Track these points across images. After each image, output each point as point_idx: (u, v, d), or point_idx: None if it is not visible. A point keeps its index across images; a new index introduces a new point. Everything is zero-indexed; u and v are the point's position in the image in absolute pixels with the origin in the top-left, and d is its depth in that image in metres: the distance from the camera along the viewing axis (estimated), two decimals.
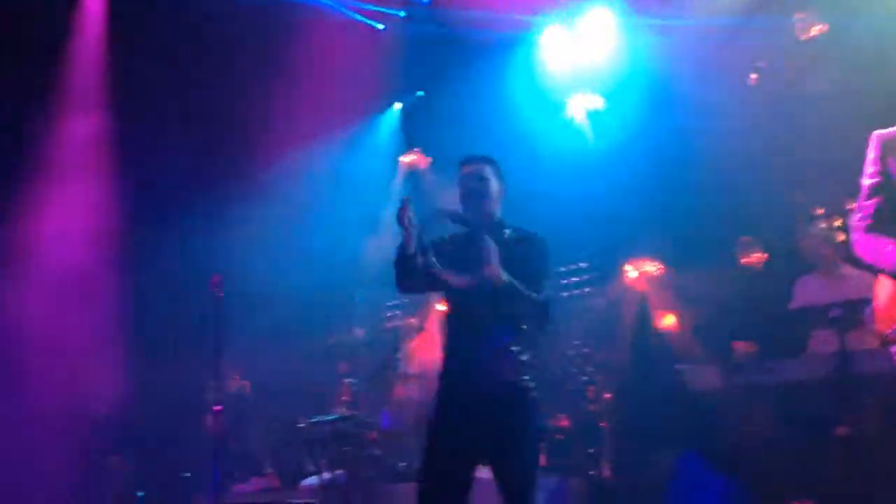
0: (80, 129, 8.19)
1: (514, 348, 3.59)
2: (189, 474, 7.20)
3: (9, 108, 7.71)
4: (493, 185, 3.86)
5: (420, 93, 9.38)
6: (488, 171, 3.87)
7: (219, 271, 5.62)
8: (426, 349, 6.80)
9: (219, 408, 5.22)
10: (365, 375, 6.93)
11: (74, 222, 8.10)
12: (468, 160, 3.92)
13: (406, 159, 9.16)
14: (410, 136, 9.36)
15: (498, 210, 3.89)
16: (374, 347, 7.33)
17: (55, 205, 7.96)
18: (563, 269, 8.05)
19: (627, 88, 7.89)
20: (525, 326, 3.66)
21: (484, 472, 3.60)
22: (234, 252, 7.52)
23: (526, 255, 3.75)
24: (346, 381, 6.61)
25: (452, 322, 3.79)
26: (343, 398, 6.64)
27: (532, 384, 3.61)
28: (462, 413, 3.57)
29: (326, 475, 6.07)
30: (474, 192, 3.83)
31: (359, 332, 7.44)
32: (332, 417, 6.29)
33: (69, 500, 7.42)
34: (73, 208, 8.05)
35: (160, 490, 7.20)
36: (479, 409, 3.53)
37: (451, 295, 3.84)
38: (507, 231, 3.84)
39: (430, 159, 8.99)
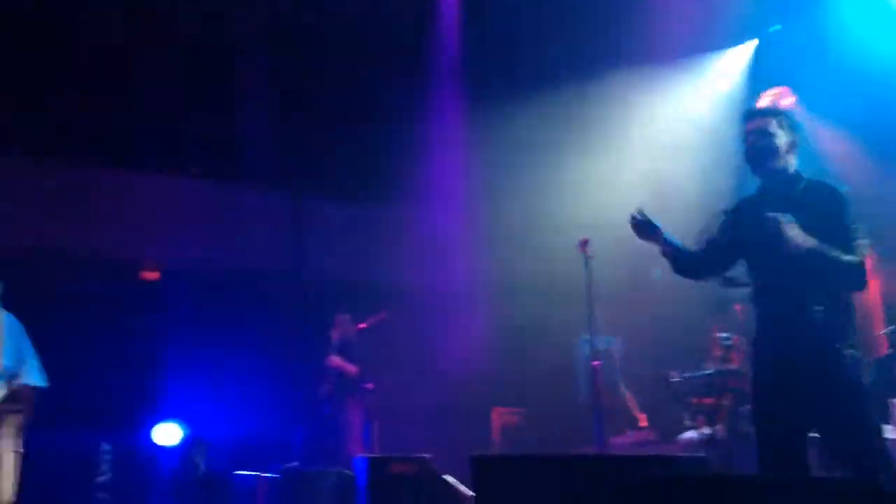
0: (445, 104, 8.81)
1: (824, 314, 3.41)
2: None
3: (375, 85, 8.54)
4: (780, 140, 3.59)
5: (776, 27, 8.75)
6: (773, 124, 3.61)
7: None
8: None
9: (597, 363, 5.39)
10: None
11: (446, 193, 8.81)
12: (750, 115, 3.71)
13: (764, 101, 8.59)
14: (766, 75, 8.78)
15: (791, 163, 3.62)
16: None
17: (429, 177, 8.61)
18: None
19: None
20: (836, 291, 3.45)
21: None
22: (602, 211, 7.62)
23: (824, 211, 3.47)
24: (718, 335, 6.46)
25: (761, 291, 3.65)
26: (715, 353, 6.51)
27: (851, 348, 3.40)
28: (782, 383, 3.45)
29: (705, 430, 6.01)
30: (758, 151, 3.61)
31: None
32: (707, 372, 6.20)
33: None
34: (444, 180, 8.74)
35: (542, 443, 7.59)
36: (798, 379, 3.40)
37: (752, 266, 3.69)
38: (803, 185, 3.56)
39: (794, 98, 8.34)
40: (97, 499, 7.09)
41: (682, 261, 3.83)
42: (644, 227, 3.83)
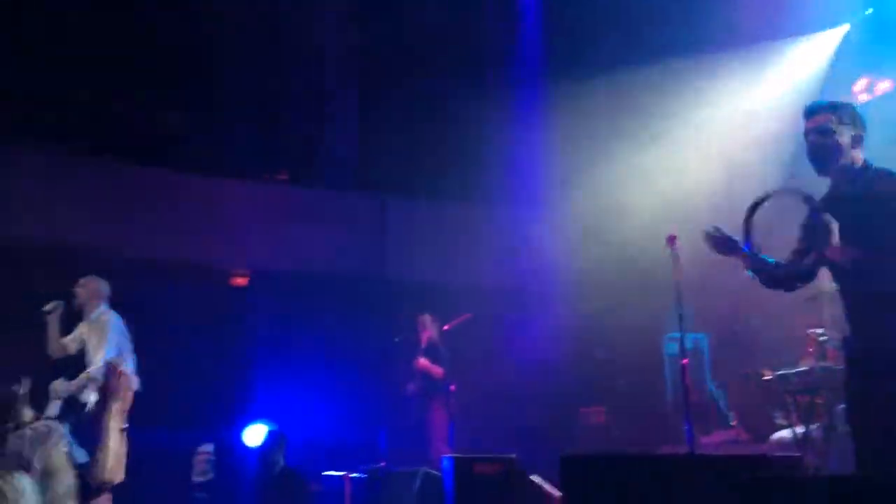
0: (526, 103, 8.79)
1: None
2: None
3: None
4: (842, 137, 3.47)
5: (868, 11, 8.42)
6: (834, 121, 3.48)
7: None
8: None
9: (685, 361, 5.28)
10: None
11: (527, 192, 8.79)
12: (809, 112, 3.56)
13: (860, 86, 8.26)
14: (856, 61, 8.45)
15: (857, 158, 3.49)
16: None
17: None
18: None
19: None
20: None
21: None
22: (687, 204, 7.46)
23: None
24: (813, 331, 6.25)
25: (840, 294, 3.59)
26: (810, 349, 6.30)
27: None
28: (869, 385, 3.37)
29: (800, 429, 5.83)
30: (820, 150, 3.50)
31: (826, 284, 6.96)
32: (802, 369, 6.01)
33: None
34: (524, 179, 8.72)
35: (629, 443, 7.49)
36: (885, 382, 3.30)
37: (830, 270, 3.59)
38: (872, 177, 3.42)
39: (891, 82, 7.98)
40: (196, 498, 7.29)
41: (767, 273, 3.71)
42: (721, 243, 3.73)
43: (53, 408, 6.03)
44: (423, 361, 8.37)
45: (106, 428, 5.53)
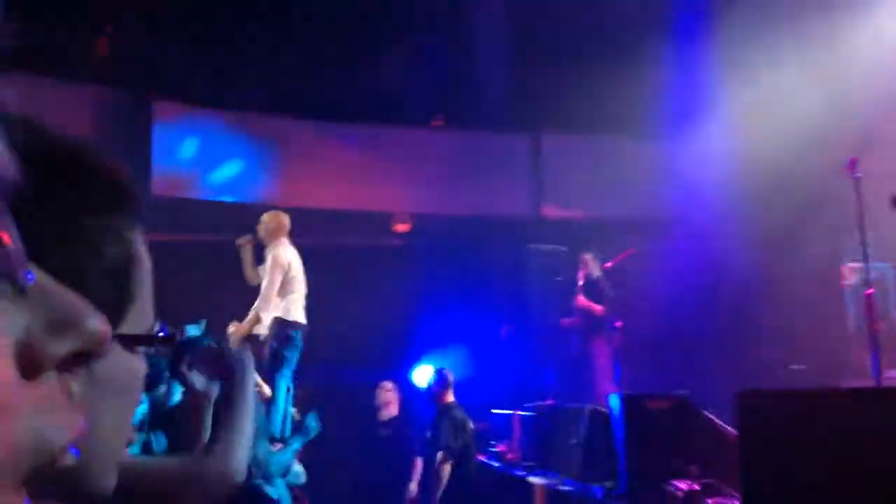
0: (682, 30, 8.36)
1: None
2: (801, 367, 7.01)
3: None
4: None
5: None
6: None
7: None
8: None
9: (870, 291, 4.96)
10: None
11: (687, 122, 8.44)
12: None
13: None
14: None
15: None
16: None
17: None
18: None
19: None
20: None
21: None
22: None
23: None
24: None
25: None
26: None
27: None
28: None
29: None
30: None
31: None
32: None
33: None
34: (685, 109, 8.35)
35: (808, 378, 7.15)
36: None
37: None
38: None
39: None
40: (380, 435, 7.55)
41: None
42: None
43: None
44: (581, 299, 8.30)
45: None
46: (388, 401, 7.71)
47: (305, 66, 9.84)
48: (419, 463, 7.01)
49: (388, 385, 7.81)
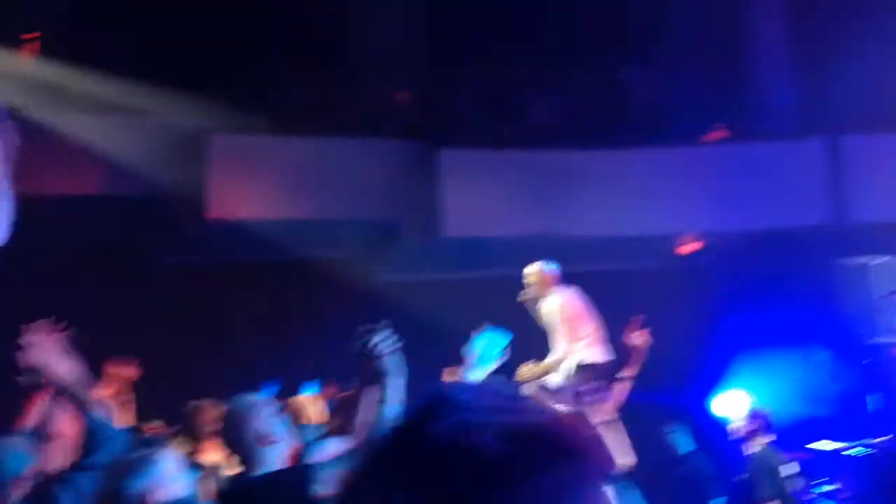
0: None
1: None
2: None
3: None
4: None
5: None
6: None
7: None
8: None
9: None
10: None
11: None
12: None
13: None
14: None
15: None
16: None
17: None
18: None
19: None
20: None
21: None
22: None
23: None
24: None
25: None
26: None
27: None
28: None
29: None
30: None
31: None
32: None
33: None
34: None
35: None
36: None
37: None
38: None
39: None
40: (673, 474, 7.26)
41: None
42: None
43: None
44: None
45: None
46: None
47: (569, 92, 9.82)
48: None
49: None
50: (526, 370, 6.29)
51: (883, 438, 6.56)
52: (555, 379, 6.40)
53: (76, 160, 8.22)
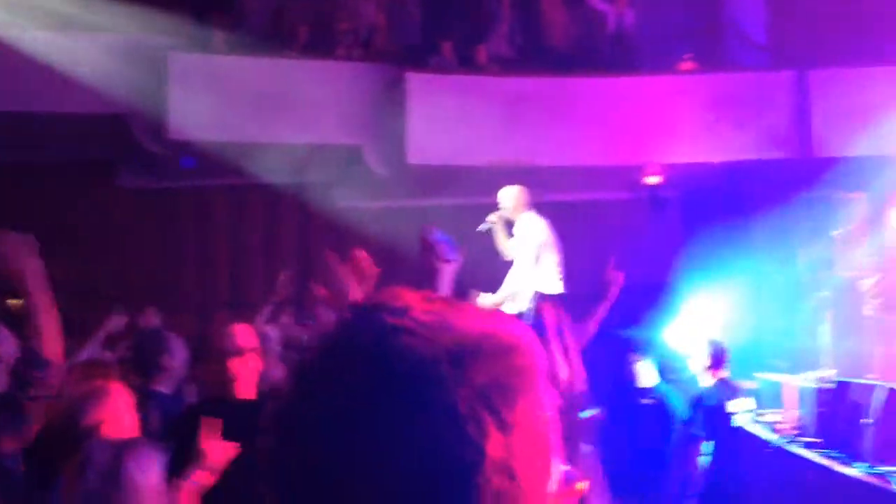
0: None
1: None
2: None
3: None
4: None
5: None
6: None
7: None
8: None
9: None
10: None
11: None
12: None
13: None
14: None
15: None
16: None
17: None
18: None
19: None
20: None
21: None
22: None
23: None
24: None
25: None
26: None
27: None
28: None
29: None
30: None
31: None
32: None
33: None
34: None
35: None
36: None
37: None
38: None
39: None
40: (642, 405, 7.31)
41: None
42: None
43: None
44: None
45: None
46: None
47: (538, 19, 9.64)
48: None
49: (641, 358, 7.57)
50: (485, 299, 6.30)
51: (829, 371, 6.67)
52: (512, 307, 6.41)
53: (33, 77, 8.00)
